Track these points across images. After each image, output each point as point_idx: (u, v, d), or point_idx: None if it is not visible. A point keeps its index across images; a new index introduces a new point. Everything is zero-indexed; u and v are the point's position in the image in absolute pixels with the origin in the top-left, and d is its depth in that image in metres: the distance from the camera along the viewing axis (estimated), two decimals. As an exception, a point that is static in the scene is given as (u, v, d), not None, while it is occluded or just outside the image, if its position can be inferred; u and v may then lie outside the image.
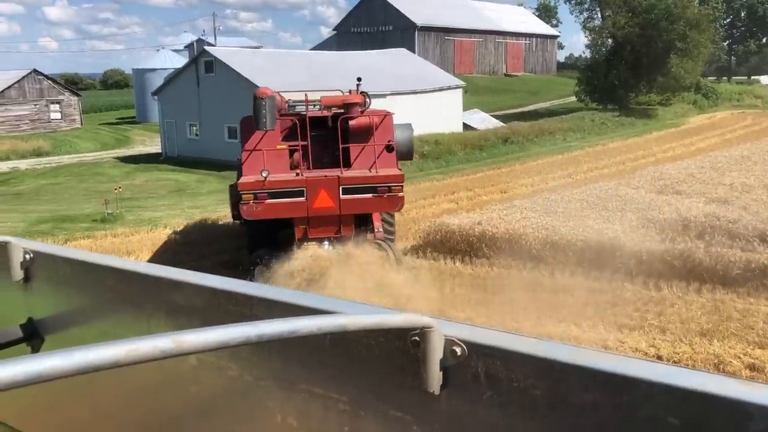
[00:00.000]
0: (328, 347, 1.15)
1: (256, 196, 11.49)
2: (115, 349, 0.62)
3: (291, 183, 11.53)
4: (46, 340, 1.69)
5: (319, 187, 11.49)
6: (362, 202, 11.55)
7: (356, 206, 11.61)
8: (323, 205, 11.51)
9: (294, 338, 1.22)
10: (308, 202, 11.49)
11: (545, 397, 0.92)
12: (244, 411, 1.30)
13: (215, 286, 1.30)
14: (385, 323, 0.96)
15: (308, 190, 11.49)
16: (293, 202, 11.49)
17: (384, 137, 12.09)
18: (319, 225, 11.85)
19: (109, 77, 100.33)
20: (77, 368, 0.59)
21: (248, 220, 11.85)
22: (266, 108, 11.15)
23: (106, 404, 1.59)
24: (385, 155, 11.97)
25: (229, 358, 1.28)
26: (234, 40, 77.25)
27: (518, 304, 10.82)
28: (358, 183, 11.50)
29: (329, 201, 11.50)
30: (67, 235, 17.93)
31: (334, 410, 1.15)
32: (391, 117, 12.40)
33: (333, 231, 11.86)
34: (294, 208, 11.58)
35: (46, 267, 1.66)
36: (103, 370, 0.62)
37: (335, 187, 11.47)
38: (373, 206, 11.74)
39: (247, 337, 0.75)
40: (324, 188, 11.49)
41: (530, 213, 14.44)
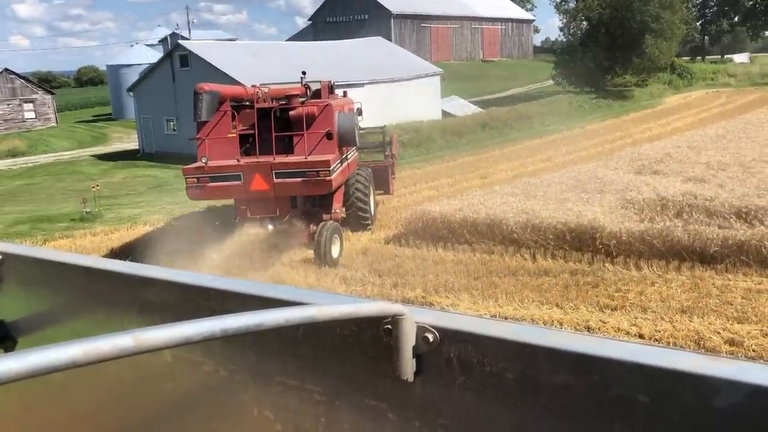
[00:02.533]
0: (301, 339, 1.14)
1: (198, 180, 12.70)
2: (73, 349, 0.61)
3: (229, 168, 12.69)
4: (18, 343, 1.66)
5: (254, 171, 12.58)
6: (293, 186, 12.62)
7: (288, 189, 12.72)
8: (258, 188, 12.61)
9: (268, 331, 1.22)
10: (245, 185, 12.60)
11: (518, 381, 0.92)
12: (221, 406, 1.29)
13: (186, 281, 1.29)
14: (356, 313, 0.95)
15: (244, 174, 12.61)
16: (232, 185, 12.67)
17: (324, 126, 12.97)
18: (258, 206, 13.09)
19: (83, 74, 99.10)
20: (33, 370, 0.58)
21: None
22: (202, 101, 12.32)
23: (82, 405, 1.58)
24: (325, 142, 12.91)
25: (204, 354, 1.28)
26: (209, 33, 76.58)
27: (501, 288, 10.89)
28: (289, 168, 12.57)
29: (263, 184, 12.58)
30: (46, 236, 17.71)
31: (310, 401, 1.15)
32: (331, 107, 13.22)
33: (271, 211, 13.07)
34: (233, 190, 12.83)
35: (16, 268, 1.63)
36: (61, 370, 0.60)
37: (268, 171, 12.49)
38: (303, 189, 12.76)
39: (212, 332, 0.74)
40: (258, 173, 12.57)
41: (510, 198, 14.50)
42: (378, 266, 12.62)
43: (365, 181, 15.12)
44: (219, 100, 12.83)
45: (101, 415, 1.56)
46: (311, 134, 12.90)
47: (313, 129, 12.95)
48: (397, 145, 19.20)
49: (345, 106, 14.68)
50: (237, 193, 12.98)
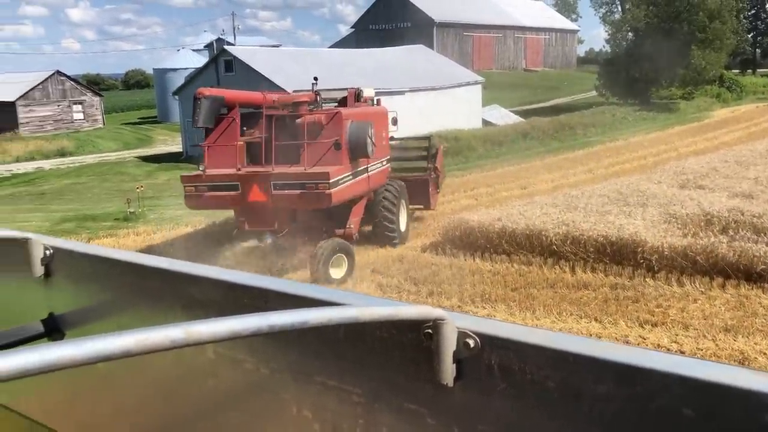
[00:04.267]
0: (342, 340, 1.15)
1: (196, 188, 12.25)
2: (126, 338, 0.63)
3: (226, 177, 12.15)
4: (66, 335, 1.71)
5: (252, 182, 12.03)
6: (291, 198, 11.91)
7: (286, 201, 12.01)
8: (256, 199, 12.06)
9: (309, 331, 1.23)
10: (243, 195, 12.09)
11: (559, 389, 0.92)
12: (261, 403, 1.31)
13: (231, 280, 1.31)
14: (397, 315, 0.96)
15: (242, 184, 12.08)
16: (229, 195, 12.16)
17: (332, 135, 12.32)
18: (256, 218, 12.47)
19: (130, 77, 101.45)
20: (88, 357, 0.60)
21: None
22: (200, 107, 11.93)
23: (126, 398, 1.61)
24: (333, 153, 12.28)
25: (246, 351, 1.30)
26: (253, 39, 77.68)
27: (539, 300, 10.77)
28: (288, 179, 11.90)
29: (261, 195, 12.00)
30: (90, 234, 18.17)
31: (349, 402, 1.15)
32: (341, 115, 12.56)
33: (269, 224, 12.43)
34: (230, 200, 12.31)
35: (65, 263, 1.68)
36: (115, 359, 0.62)
37: (266, 182, 11.92)
38: (302, 202, 12.00)
39: (258, 327, 0.75)
40: (256, 183, 12.01)
41: (550, 209, 14.34)
42: (414, 274, 12.60)
43: (394, 195, 14.54)
44: (224, 105, 12.48)
45: (143, 408, 1.60)
46: (317, 144, 12.27)
47: (321, 138, 12.32)
48: (443, 158, 18.25)
49: (365, 114, 13.85)
50: (235, 204, 12.48)
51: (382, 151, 14.62)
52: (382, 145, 14.52)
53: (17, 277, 1.75)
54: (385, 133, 15.00)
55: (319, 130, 12.39)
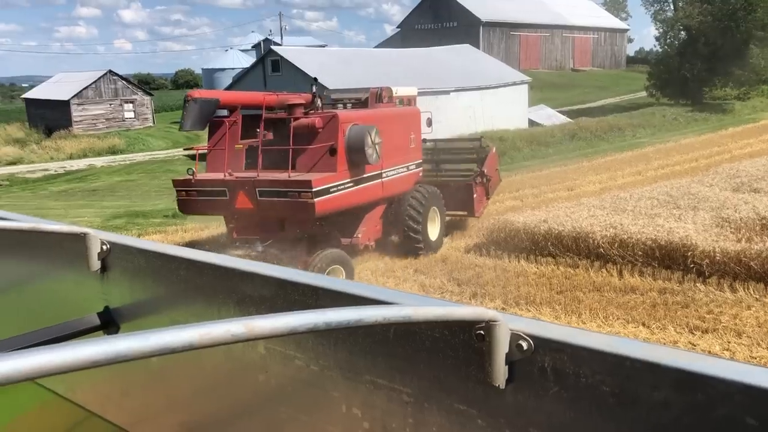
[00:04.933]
0: (392, 339, 1.16)
1: (187, 193, 11.97)
2: (190, 332, 0.64)
3: (214, 182, 11.76)
4: (121, 328, 1.76)
5: (239, 188, 11.50)
6: (277, 206, 11.30)
7: (272, 209, 11.40)
8: (243, 206, 11.54)
9: (359, 329, 1.24)
10: (230, 202, 11.60)
11: (615, 394, 0.90)
12: (310, 400, 1.32)
13: (283, 276, 1.32)
14: (450, 315, 0.96)
15: (230, 190, 11.58)
16: (218, 201, 11.74)
17: (327, 139, 11.66)
18: (245, 226, 12.05)
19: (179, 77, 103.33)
20: (153, 350, 0.62)
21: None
22: (188, 110, 11.57)
23: (178, 391, 1.64)
24: (327, 158, 11.63)
25: (296, 348, 1.31)
26: (300, 39, 78.41)
27: (585, 303, 10.60)
28: (272, 186, 11.28)
29: (248, 202, 11.46)
30: (140, 230, 18.60)
31: (398, 401, 1.16)
32: (337, 118, 11.80)
33: (257, 232, 11.92)
34: (219, 206, 11.88)
35: (122, 258, 1.72)
36: (178, 352, 0.64)
37: (252, 189, 11.36)
38: (287, 210, 11.35)
39: (315, 324, 0.76)
40: (243, 190, 11.48)
41: (598, 211, 14.09)
42: (457, 275, 12.55)
43: (420, 202, 13.73)
44: (218, 108, 12.12)
45: (195, 402, 1.63)
46: (310, 149, 11.62)
47: (316, 143, 11.64)
48: (496, 162, 16.89)
49: (377, 117, 12.94)
50: (223, 210, 12.04)
51: (410, 155, 14.06)
52: (409, 148, 14.02)
53: (75, 271, 1.81)
54: (415, 135, 14.40)
55: (314, 134, 11.73)
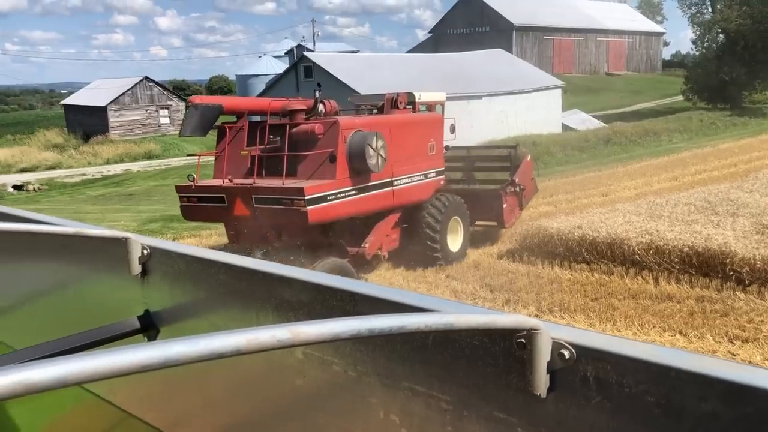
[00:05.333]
0: (431, 346, 1.15)
1: (188, 199, 11.98)
2: (237, 337, 0.65)
3: (213, 189, 11.77)
4: (161, 332, 1.78)
5: (236, 195, 11.44)
6: (272, 213, 11.18)
7: (269, 217, 11.25)
8: (240, 213, 11.46)
9: (397, 336, 1.24)
10: (228, 208, 11.55)
11: (659, 405, 0.89)
12: (348, 405, 1.32)
13: (321, 282, 1.33)
14: (492, 324, 0.95)
15: (227, 197, 11.53)
16: (217, 208, 11.69)
17: (327, 146, 11.48)
18: (244, 233, 11.92)
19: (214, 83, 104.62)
20: (202, 355, 0.63)
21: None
22: (188, 116, 11.65)
23: (215, 393, 1.66)
24: (326, 166, 11.44)
25: (334, 353, 1.31)
26: (332, 45, 78.91)
27: (620, 311, 10.44)
28: (267, 194, 11.14)
29: (244, 209, 11.38)
30: (175, 234, 18.86)
31: (437, 409, 1.15)
32: (338, 125, 11.59)
33: (255, 240, 11.80)
34: (218, 213, 11.83)
35: (162, 262, 1.75)
36: (226, 357, 0.64)
37: (248, 196, 11.29)
38: (282, 218, 11.21)
39: (358, 330, 0.76)
40: (239, 196, 11.41)
41: (633, 217, 13.88)
42: (490, 281, 12.47)
43: (439, 211, 13.39)
44: (221, 114, 12.06)
45: (232, 404, 1.64)
46: (309, 156, 11.45)
47: (316, 149, 11.47)
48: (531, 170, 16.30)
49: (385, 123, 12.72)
50: (222, 217, 12.00)
51: (429, 162, 13.73)
52: (428, 156, 13.70)
53: (116, 275, 1.84)
54: (436, 142, 14.01)
55: (315, 140, 11.53)
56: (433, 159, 13.98)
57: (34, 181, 35.02)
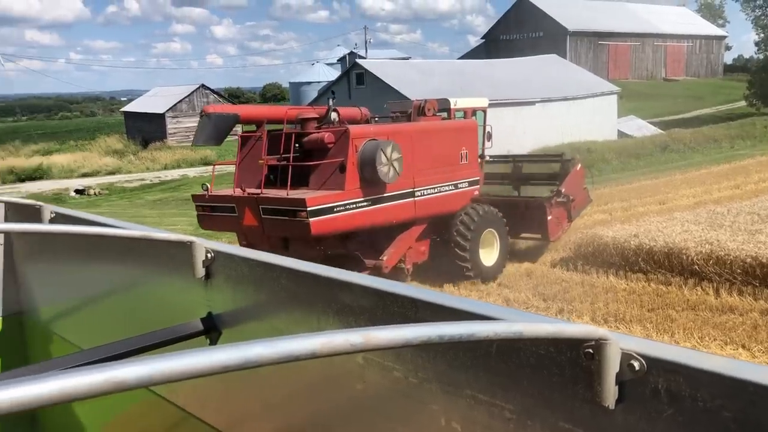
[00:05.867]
0: (494, 354, 1.14)
1: (203, 208, 11.88)
2: (313, 340, 0.66)
3: (224, 199, 11.66)
4: (223, 334, 1.82)
5: (245, 205, 11.25)
6: (278, 224, 10.96)
7: (276, 228, 11.05)
8: (249, 223, 11.27)
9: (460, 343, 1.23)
10: (239, 218, 11.37)
11: (735, 420, 0.86)
12: (408, 411, 1.33)
13: (383, 288, 1.34)
14: (561, 333, 0.94)
15: (238, 207, 11.37)
16: (228, 217, 11.53)
17: (337, 155, 11.20)
18: (253, 243, 11.61)
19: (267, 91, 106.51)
20: (281, 356, 0.64)
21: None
22: (201, 125, 11.52)
23: (275, 396, 1.68)
24: (337, 175, 11.14)
25: (395, 359, 1.32)
26: (384, 52, 79.34)
27: (678, 323, 10.14)
28: (273, 204, 10.94)
29: (253, 220, 11.19)
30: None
31: (500, 418, 1.14)
32: (348, 134, 11.24)
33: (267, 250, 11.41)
34: (230, 223, 11.65)
35: (225, 265, 1.79)
36: (302, 360, 0.66)
37: (256, 206, 11.10)
38: (288, 229, 10.98)
39: (429, 337, 0.76)
40: (248, 206, 11.21)
41: (692, 226, 13.48)
42: (543, 290, 12.29)
43: (470, 222, 12.84)
44: (237, 123, 12.04)
45: (292, 407, 1.66)
46: (321, 165, 11.22)
47: (327, 159, 11.23)
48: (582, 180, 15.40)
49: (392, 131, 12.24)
50: (234, 227, 11.82)
51: (460, 171, 13.18)
52: (459, 164, 13.15)
53: (181, 278, 1.89)
54: (469, 150, 13.39)
55: (326, 149, 11.29)
56: (466, 168, 13.39)
57: (95, 186, 36.23)
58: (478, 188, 13.74)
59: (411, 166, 12.00)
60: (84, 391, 0.58)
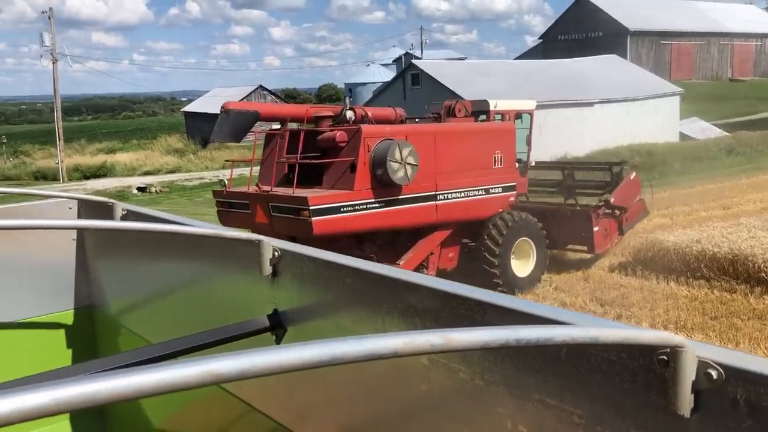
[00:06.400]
0: (564, 358, 1.14)
1: (222, 204, 11.95)
2: (395, 340, 0.67)
3: (239, 196, 11.64)
4: (288, 331, 1.86)
5: (256, 202, 11.18)
6: (287, 222, 10.79)
7: (283, 226, 10.80)
8: (260, 221, 11.17)
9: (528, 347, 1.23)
10: (252, 216, 11.31)
11: None
12: (473, 413, 1.33)
13: (450, 290, 1.34)
14: (637, 339, 0.93)
15: (251, 204, 11.32)
16: (243, 214, 11.51)
17: (349, 155, 11.02)
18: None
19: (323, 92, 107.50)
20: (365, 355, 0.65)
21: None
22: (221, 121, 11.48)
23: (339, 392, 1.71)
24: (348, 175, 10.94)
25: (461, 361, 1.32)
26: (440, 52, 79.13)
27: (743, 332, 9.79)
28: (280, 202, 10.82)
29: (264, 217, 11.11)
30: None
31: (569, 423, 1.14)
32: (360, 133, 11.03)
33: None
34: (244, 220, 11.52)
35: (291, 264, 1.83)
36: (384, 358, 0.67)
37: (266, 204, 11.02)
38: (294, 228, 10.67)
39: (507, 340, 0.77)
40: (259, 204, 11.13)
41: (759, 232, 12.97)
42: (600, 295, 12.04)
43: (501, 229, 12.37)
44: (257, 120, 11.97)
45: (355, 405, 1.68)
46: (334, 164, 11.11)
47: (340, 158, 11.08)
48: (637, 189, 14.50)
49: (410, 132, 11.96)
50: (247, 224, 11.56)
51: (493, 175, 12.68)
52: (492, 169, 12.64)
53: (248, 275, 1.94)
54: (504, 153, 12.82)
55: (338, 148, 11.16)
56: (500, 173, 12.84)
57: (156, 184, 37.27)
58: (515, 194, 13.22)
59: (433, 168, 11.69)
60: (154, 388, 0.59)
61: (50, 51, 41.23)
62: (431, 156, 11.67)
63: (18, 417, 0.53)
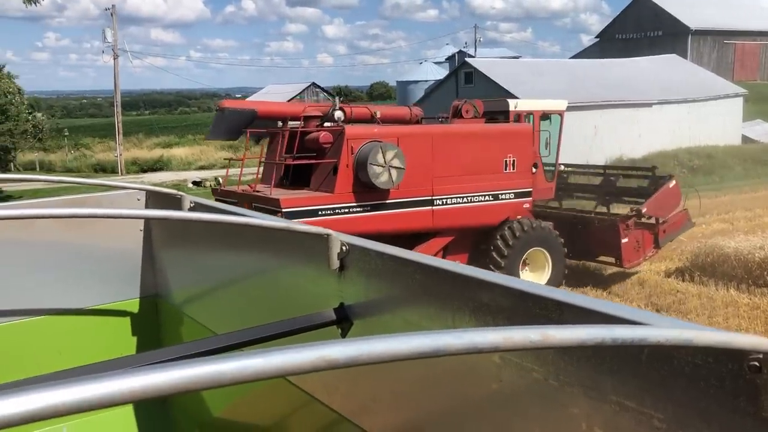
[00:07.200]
0: (644, 361, 1.12)
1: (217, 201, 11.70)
2: (494, 335, 0.67)
3: (230, 195, 11.47)
4: (354, 324, 1.87)
5: (244, 202, 10.88)
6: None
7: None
8: None
9: (606, 348, 1.21)
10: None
11: None
12: (546, 414, 1.32)
13: (525, 289, 1.33)
14: (730, 343, 0.91)
15: (239, 203, 10.92)
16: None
17: (332, 156, 10.82)
18: None
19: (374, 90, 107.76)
20: (466, 348, 0.66)
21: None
22: (215, 120, 11.35)
23: (405, 386, 1.71)
24: (330, 177, 10.76)
25: (534, 361, 1.31)
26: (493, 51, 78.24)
27: (807, 343, 9.42)
28: (258, 202, 10.55)
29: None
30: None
31: (648, 426, 1.12)
32: (344, 134, 10.76)
33: None
34: None
35: (359, 258, 1.84)
36: (484, 352, 0.67)
37: (250, 204, 10.68)
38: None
39: (603, 339, 0.76)
40: (246, 204, 10.78)
41: (826, 239, 12.50)
42: (656, 300, 11.77)
43: (512, 236, 11.83)
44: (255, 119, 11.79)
45: (421, 400, 1.69)
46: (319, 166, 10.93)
47: (323, 159, 10.93)
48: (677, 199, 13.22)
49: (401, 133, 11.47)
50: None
51: (503, 181, 12.10)
52: (502, 173, 12.08)
53: (316, 268, 1.96)
54: (517, 157, 12.21)
55: (323, 150, 10.99)
56: (511, 177, 12.21)
57: (211, 178, 37.99)
58: (530, 201, 12.54)
59: (429, 171, 11.29)
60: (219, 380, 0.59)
61: (112, 47, 42.41)
62: (427, 159, 11.29)
63: (87, 406, 0.54)
